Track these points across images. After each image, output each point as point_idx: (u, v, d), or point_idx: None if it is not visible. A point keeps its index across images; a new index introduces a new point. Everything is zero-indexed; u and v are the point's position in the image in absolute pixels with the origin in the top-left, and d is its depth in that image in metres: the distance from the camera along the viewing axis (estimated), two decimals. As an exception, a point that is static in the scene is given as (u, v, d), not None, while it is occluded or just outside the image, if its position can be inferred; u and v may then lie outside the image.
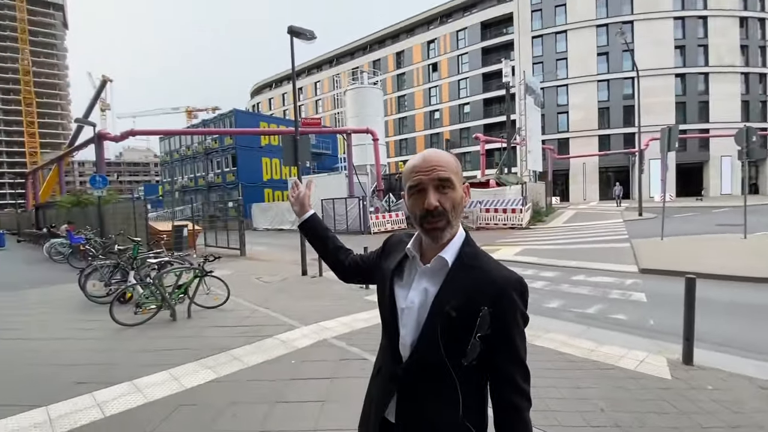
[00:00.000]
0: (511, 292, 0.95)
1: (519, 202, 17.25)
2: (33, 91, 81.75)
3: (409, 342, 0.99)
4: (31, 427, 2.83)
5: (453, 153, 22.61)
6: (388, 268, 1.10)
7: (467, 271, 0.97)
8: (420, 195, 0.97)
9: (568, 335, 4.49)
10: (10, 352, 4.47)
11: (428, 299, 0.97)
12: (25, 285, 8.71)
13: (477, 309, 0.93)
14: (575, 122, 41.15)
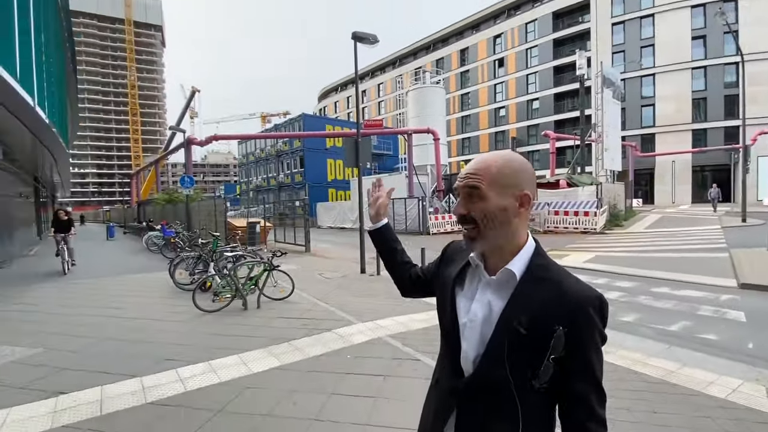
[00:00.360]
0: (588, 309, 0.87)
1: (593, 205, 15.96)
2: (138, 102, 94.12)
3: (472, 357, 0.94)
4: (128, 394, 3.29)
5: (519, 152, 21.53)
6: (449, 276, 1.06)
7: (538, 285, 0.90)
8: (459, 201, 0.97)
9: (645, 353, 4.07)
10: (115, 328, 5.22)
11: (493, 314, 0.92)
12: (127, 271, 10.10)
13: (550, 328, 0.86)
14: (663, 116, 36.90)
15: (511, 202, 0.92)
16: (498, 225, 0.92)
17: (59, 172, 22.92)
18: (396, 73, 58.24)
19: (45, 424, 2.85)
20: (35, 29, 9.34)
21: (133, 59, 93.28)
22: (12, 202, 13.99)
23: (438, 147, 23.13)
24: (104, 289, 7.93)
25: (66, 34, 17.56)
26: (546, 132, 31.23)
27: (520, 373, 0.88)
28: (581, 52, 23.31)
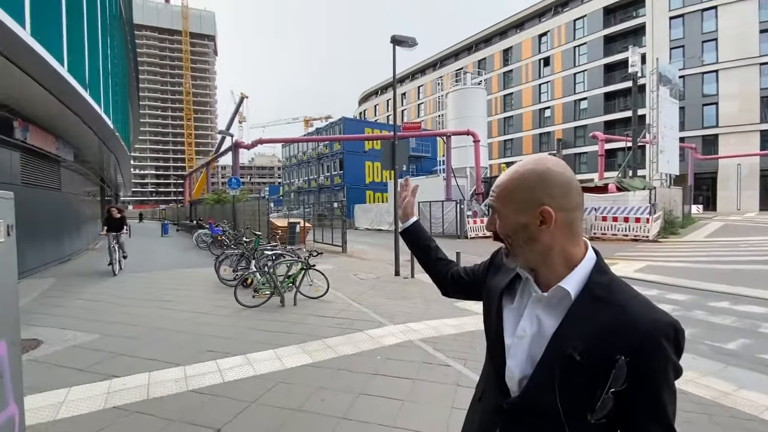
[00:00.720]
0: (660, 338, 0.75)
1: (645, 211, 14.93)
2: (192, 108, 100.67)
3: (518, 376, 0.87)
4: (172, 381, 3.52)
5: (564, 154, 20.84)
6: (497, 286, 0.99)
7: (598, 306, 0.80)
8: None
9: (697, 372, 3.76)
10: (165, 319, 5.61)
11: (544, 334, 0.84)
12: (178, 266, 10.81)
13: (610, 356, 0.76)
14: (727, 115, 33.82)
15: (531, 219, 0.84)
16: (523, 243, 0.86)
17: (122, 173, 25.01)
18: (436, 75, 57.85)
19: (98, 405, 3.13)
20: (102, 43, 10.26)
21: (188, 68, 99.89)
22: (81, 200, 15.43)
23: (478, 149, 22.69)
24: (157, 282, 8.53)
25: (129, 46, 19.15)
26: (594, 133, 29.63)
27: (572, 402, 0.80)
28: (634, 48, 21.92)
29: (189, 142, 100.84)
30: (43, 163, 10.48)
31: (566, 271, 0.84)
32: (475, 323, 5.28)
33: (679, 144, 24.87)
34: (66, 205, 12.52)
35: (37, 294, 7.36)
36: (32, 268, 9.41)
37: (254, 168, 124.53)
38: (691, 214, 24.50)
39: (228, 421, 2.86)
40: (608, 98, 41.35)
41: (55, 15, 6.83)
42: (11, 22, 4.94)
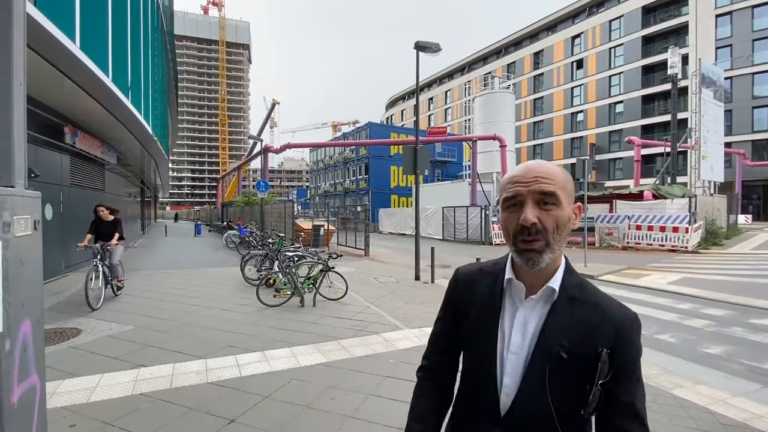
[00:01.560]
0: (631, 330, 0.84)
1: (683, 220, 14.14)
2: (226, 114, 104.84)
3: (513, 389, 0.86)
4: (193, 373, 3.70)
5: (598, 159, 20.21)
6: (483, 308, 0.93)
7: (575, 305, 0.86)
8: (516, 209, 0.85)
9: (728, 392, 3.55)
10: (192, 314, 5.88)
11: (531, 336, 0.86)
12: (208, 265, 11.27)
13: (593, 351, 0.82)
14: (782, 118, 31.50)
15: (571, 214, 0.86)
16: (564, 237, 0.86)
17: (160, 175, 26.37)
18: (465, 79, 57.40)
19: (126, 391, 3.34)
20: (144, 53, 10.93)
21: (224, 75, 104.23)
22: (122, 200, 16.41)
23: (504, 154, 22.30)
24: (188, 279, 8.95)
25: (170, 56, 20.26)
26: (630, 138, 28.43)
27: (561, 400, 0.83)
28: (674, 49, 20.89)
29: (223, 147, 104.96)
30: (89, 166, 11.25)
31: (553, 272, 0.88)
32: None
33: (724, 149, 23.39)
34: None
35: (80, 286, 7.89)
36: (77, 263, 10.10)
37: (283, 172, 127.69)
38: (737, 225, 22.94)
39: (242, 413, 2.98)
40: (646, 101, 39.55)
41: (102, 29, 7.37)
42: (63, 37, 5.39)
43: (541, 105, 49.63)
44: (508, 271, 0.91)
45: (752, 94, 32.87)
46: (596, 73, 43.42)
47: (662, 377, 3.81)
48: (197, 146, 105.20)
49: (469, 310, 0.96)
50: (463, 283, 1.00)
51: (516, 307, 0.89)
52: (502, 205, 0.88)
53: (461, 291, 0.99)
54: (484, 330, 0.91)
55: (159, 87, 16.05)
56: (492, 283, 0.93)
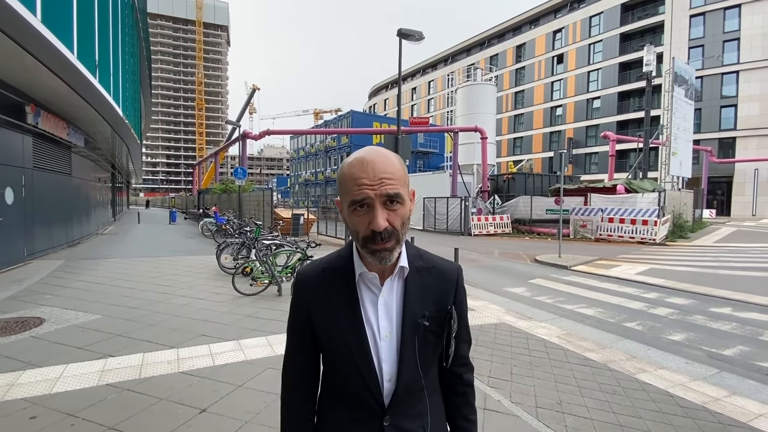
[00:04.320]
0: (461, 281, 0.97)
1: (653, 213, 14.70)
2: (203, 98, 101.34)
3: (393, 372, 0.87)
4: (165, 363, 3.61)
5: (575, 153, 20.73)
6: (342, 305, 0.88)
7: (422, 274, 0.91)
8: (364, 211, 0.80)
9: (687, 376, 3.73)
10: (164, 303, 5.72)
11: (396, 317, 0.88)
12: (182, 253, 10.98)
13: (445, 310, 0.91)
14: (747, 118, 32.97)
15: (411, 203, 0.87)
16: (408, 226, 0.86)
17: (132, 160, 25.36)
18: (448, 70, 57.30)
19: (92, 381, 3.23)
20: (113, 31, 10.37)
21: (201, 58, 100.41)
22: (91, 185, 15.71)
23: (485, 146, 22.50)
24: (161, 267, 8.69)
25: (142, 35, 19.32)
26: (605, 133, 29.13)
27: (427, 366, 0.90)
28: (650, 47, 21.42)
29: (200, 132, 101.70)
30: (54, 148, 10.68)
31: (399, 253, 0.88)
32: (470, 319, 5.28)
33: (693, 146, 24.35)
34: (76, 190, 12.76)
35: (45, 274, 7.55)
36: (42, 250, 9.64)
37: (263, 159, 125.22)
38: (702, 219, 24.04)
39: (213, 402, 2.93)
40: (622, 98, 40.59)
41: (66, 1, 6.93)
42: (22, 9, 5.03)
43: (522, 98, 50.19)
44: (358, 265, 0.87)
45: (721, 93, 34.20)
46: (575, 69, 44.14)
47: (627, 363, 3.98)
48: (173, 131, 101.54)
49: (324, 312, 0.89)
50: (311, 285, 0.91)
51: (375, 295, 0.88)
52: (348, 207, 0.81)
53: (311, 294, 0.91)
54: (350, 327, 0.86)
55: (130, 67, 15.31)
56: (344, 279, 0.89)
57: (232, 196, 19.82)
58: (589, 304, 6.53)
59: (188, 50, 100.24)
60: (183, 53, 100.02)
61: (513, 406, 3.02)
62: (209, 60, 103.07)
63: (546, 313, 5.90)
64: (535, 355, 4.09)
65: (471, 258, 11.21)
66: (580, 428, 2.75)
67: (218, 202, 21.49)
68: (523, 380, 3.50)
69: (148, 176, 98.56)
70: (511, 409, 2.98)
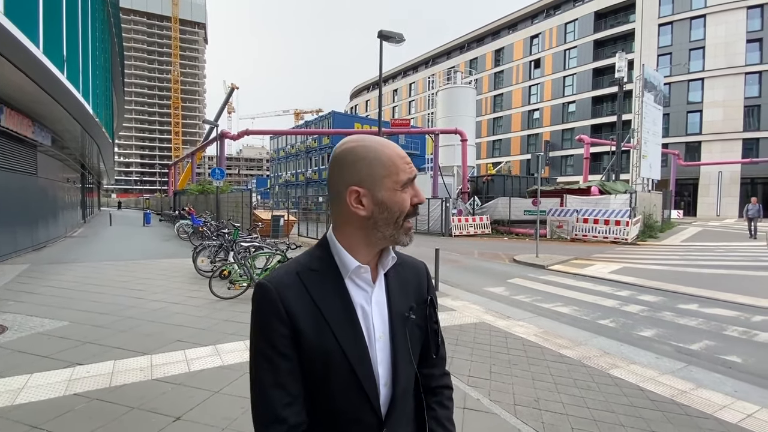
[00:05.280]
0: (429, 274, 0.98)
1: (625, 214, 15.23)
2: (180, 97, 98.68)
3: (387, 375, 0.82)
4: (137, 370, 3.48)
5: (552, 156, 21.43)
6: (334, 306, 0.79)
7: (397, 268, 0.90)
8: (407, 188, 0.83)
9: (657, 370, 3.88)
10: (136, 308, 5.52)
11: (387, 314, 0.85)
12: (156, 256, 10.64)
13: (423, 301, 0.92)
14: (711, 123, 34.66)
15: None
16: None
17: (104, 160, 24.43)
18: (429, 72, 57.83)
19: (59, 391, 3.08)
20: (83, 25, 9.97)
21: (177, 55, 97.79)
22: (59, 186, 15.04)
23: (465, 148, 22.80)
24: (133, 271, 8.39)
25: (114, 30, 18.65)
26: (580, 136, 30.06)
27: (415, 356, 0.88)
28: (621, 54, 22.25)
29: (176, 132, 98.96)
30: (18, 147, 10.17)
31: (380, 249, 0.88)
32: (450, 319, 5.34)
33: (661, 150, 25.41)
34: (42, 191, 12.19)
35: (8, 280, 7.18)
36: (4, 254, 9.16)
37: (242, 160, 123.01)
38: (670, 219, 25.09)
39: (189, 409, 2.85)
40: (596, 102, 41.97)
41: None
42: (-19, -2, 4.77)
43: (501, 101, 51.17)
44: (349, 261, 0.80)
45: (687, 99, 35.83)
46: (552, 73, 45.36)
47: (601, 359, 4.10)
48: (147, 130, 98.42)
49: (313, 323, 0.77)
50: (291, 295, 0.77)
51: (367, 292, 0.83)
52: (402, 186, 0.81)
53: (293, 305, 0.77)
54: (348, 335, 0.78)
55: (101, 63, 14.75)
56: (331, 280, 0.81)
57: (209, 198, 19.37)
58: (565, 302, 6.70)
59: (164, 47, 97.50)
60: (158, 50, 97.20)
61: (492, 405, 3.07)
62: (186, 58, 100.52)
63: (524, 312, 6.01)
64: (513, 354, 4.16)
65: (452, 258, 11.32)
66: (557, 424, 2.82)
67: (195, 204, 20.96)
68: (501, 378, 3.55)
69: (121, 177, 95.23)
70: (490, 408, 3.02)
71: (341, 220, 0.83)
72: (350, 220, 0.81)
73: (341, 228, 0.83)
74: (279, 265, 0.90)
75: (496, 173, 32.44)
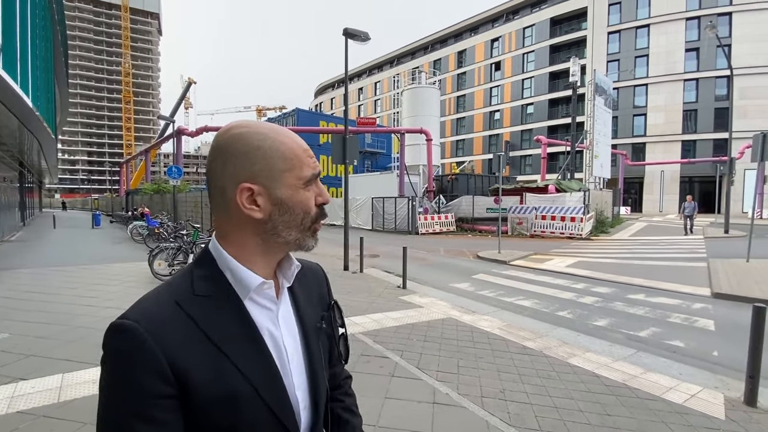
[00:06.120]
0: (325, 274, 0.90)
1: (579, 210, 16.12)
2: (131, 90, 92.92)
3: (306, 397, 0.71)
4: (89, 382, 3.26)
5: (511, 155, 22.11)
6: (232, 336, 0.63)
7: (301, 275, 0.79)
8: (311, 186, 0.70)
9: (610, 357, 4.14)
10: (87, 316, 5.16)
11: (297, 329, 0.74)
12: (108, 260, 9.98)
13: (327, 306, 0.83)
14: (654, 126, 37.43)
15: None
16: None
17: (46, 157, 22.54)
18: (393, 71, 58.20)
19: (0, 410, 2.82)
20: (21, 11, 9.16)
21: (128, 46, 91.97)
22: (-7, 186, 13.72)
23: (430, 148, 23.17)
24: (82, 277, 7.83)
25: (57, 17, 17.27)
26: (538, 137, 31.45)
27: (324, 365, 0.78)
28: (575, 59, 23.54)
29: (128, 128, 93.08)
30: (-58, 143, 9.16)
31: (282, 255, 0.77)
32: (418, 316, 5.41)
33: (611, 150, 27.14)
34: (-27, 191, 11.06)
35: (-69, 291, 6.46)
36: (-73, 262, 8.24)
37: (200, 158, 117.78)
38: (619, 215, 26.84)
39: (149, 423, 2.70)
40: (552, 104, 44.08)
41: (-43, -27, 5.97)
42: None
43: (463, 102, 52.49)
44: (250, 278, 0.66)
45: (633, 103, 38.46)
46: (511, 76, 47.12)
47: (560, 349, 4.32)
48: (95, 125, 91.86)
49: (208, 364, 0.60)
50: (170, 334, 0.59)
51: (273, 310, 0.69)
52: (305, 184, 0.68)
53: (177, 347, 0.59)
54: (256, 367, 0.64)
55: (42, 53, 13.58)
56: (226, 305, 0.65)
57: (165, 197, 18.42)
58: (527, 296, 6.99)
59: (113, 37, 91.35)
60: (107, 40, 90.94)
61: (460, 398, 3.15)
62: (137, 49, 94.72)
63: (488, 306, 6.21)
64: (479, 347, 4.29)
65: (419, 256, 11.48)
66: (522, 413, 2.94)
67: (150, 204, 19.85)
68: (469, 372, 3.65)
69: (66, 175, 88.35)
70: (458, 401, 3.10)
71: (230, 226, 0.67)
72: (242, 224, 0.66)
73: (230, 236, 0.67)
74: (142, 296, 0.65)
75: (460, 172, 33.24)
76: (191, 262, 0.71)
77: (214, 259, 0.67)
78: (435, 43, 57.02)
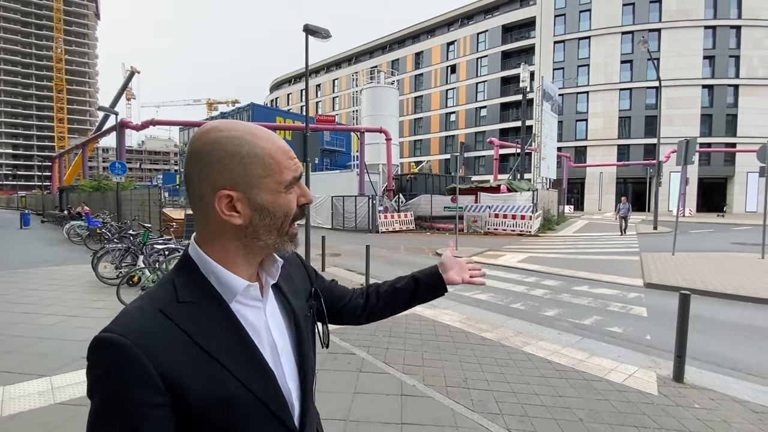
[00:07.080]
0: (300, 258, 0.93)
1: (529, 209, 17.09)
2: (64, 78, 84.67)
3: (296, 388, 0.74)
4: (35, 395, 3.02)
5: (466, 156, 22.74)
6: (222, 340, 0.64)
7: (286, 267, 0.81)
8: (291, 188, 0.69)
9: (560, 344, 4.49)
10: (23, 325, 4.72)
11: (286, 323, 0.76)
12: (44, 263, 9.12)
13: (310, 293, 0.87)
14: (594, 130, 40.48)
15: None
16: None
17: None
18: (352, 69, 58.04)
19: (-75, 431, 2.54)
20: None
21: (61, 30, 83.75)
22: None
23: (390, 147, 23.43)
24: (15, 282, 7.11)
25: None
26: (491, 139, 32.90)
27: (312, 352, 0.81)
28: (525, 66, 24.88)
29: (60, 119, 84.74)
30: None
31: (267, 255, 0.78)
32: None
33: (557, 153, 29.02)
34: None
35: None
36: None
37: (145, 152, 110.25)
38: (564, 213, 28.78)
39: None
40: (504, 108, 46.22)
41: None
42: None
43: (421, 103, 53.53)
44: (234, 282, 0.66)
45: (576, 109, 41.34)
46: (466, 79, 48.79)
47: (515, 338, 4.61)
48: (22, 115, 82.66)
49: (199, 372, 0.60)
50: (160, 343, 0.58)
51: (258, 308, 0.70)
52: (286, 186, 0.68)
53: (166, 356, 0.58)
54: (250, 368, 0.65)
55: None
56: (213, 309, 0.65)
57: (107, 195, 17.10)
58: (483, 290, 7.33)
59: (42, 19, 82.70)
60: (36, 22, 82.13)
61: (426, 389, 3.29)
62: (71, 33, 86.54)
63: (448, 300, 6.45)
64: (441, 340, 4.48)
65: (380, 254, 11.60)
66: (484, 400, 3.13)
67: (90, 202, 18.31)
68: (433, 364, 3.81)
69: (-16, 170, 78.80)
70: (425, 392, 3.24)
71: (210, 232, 0.67)
72: (222, 230, 0.66)
73: (211, 242, 0.67)
74: (124, 309, 0.62)
75: (418, 172, 33.89)
76: (171, 270, 0.70)
77: (196, 265, 0.67)
78: (393, 43, 57.58)
